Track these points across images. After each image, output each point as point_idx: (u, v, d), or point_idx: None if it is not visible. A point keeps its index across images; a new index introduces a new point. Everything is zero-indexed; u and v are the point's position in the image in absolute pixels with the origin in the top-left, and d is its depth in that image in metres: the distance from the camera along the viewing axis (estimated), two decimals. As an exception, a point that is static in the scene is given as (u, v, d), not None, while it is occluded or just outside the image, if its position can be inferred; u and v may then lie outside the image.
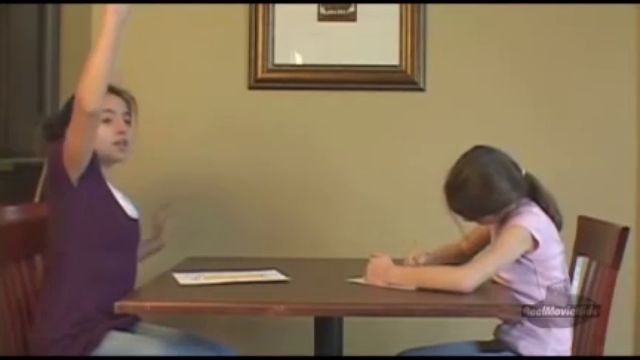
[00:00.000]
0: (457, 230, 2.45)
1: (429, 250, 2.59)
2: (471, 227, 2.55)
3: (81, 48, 3.41)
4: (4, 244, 2.39)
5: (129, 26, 3.35)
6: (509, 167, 2.37)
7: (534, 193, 2.38)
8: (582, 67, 3.34)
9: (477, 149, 2.40)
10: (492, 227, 2.46)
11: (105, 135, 2.45)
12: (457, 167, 2.36)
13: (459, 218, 2.38)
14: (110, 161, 2.51)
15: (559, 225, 2.37)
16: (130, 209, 2.54)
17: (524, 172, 2.39)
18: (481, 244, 2.52)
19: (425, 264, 2.51)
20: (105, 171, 2.50)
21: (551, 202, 2.38)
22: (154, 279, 2.45)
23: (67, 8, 3.57)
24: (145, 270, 2.60)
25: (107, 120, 2.47)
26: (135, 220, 2.56)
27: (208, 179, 3.37)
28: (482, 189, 2.31)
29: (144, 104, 3.40)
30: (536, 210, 2.35)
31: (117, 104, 2.53)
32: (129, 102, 2.60)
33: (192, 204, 3.33)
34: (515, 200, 2.34)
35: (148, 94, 3.40)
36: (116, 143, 2.48)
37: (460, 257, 2.51)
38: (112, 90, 2.50)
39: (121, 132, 2.50)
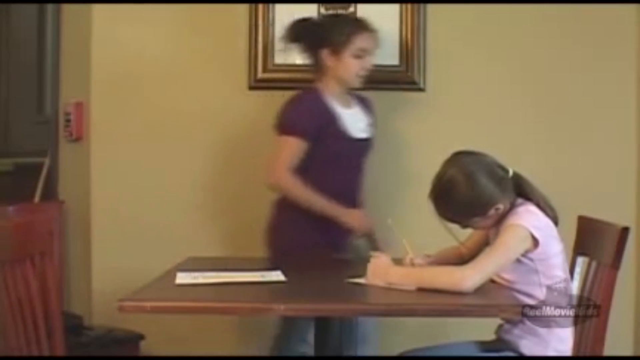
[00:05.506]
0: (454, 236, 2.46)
1: (428, 252, 2.59)
2: (466, 234, 2.55)
3: (81, 48, 3.41)
4: (4, 244, 2.39)
5: (129, 26, 3.39)
6: (491, 166, 2.37)
7: (522, 191, 2.38)
8: (582, 67, 3.34)
9: (458, 153, 2.41)
10: (490, 229, 2.45)
11: (353, 68, 2.85)
12: (440, 171, 2.38)
13: (452, 227, 2.39)
14: (347, 85, 2.91)
15: (554, 221, 2.37)
16: (357, 129, 2.90)
17: (511, 172, 2.39)
18: (479, 249, 2.51)
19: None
20: (338, 90, 2.90)
21: (541, 198, 2.38)
22: (154, 278, 2.45)
23: (67, 8, 3.57)
24: (146, 270, 2.60)
25: (358, 57, 2.84)
26: (360, 140, 2.92)
27: (208, 179, 3.37)
28: (467, 186, 2.31)
29: (144, 103, 3.43)
30: (533, 209, 2.35)
31: (372, 43, 2.88)
32: (378, 39, 2.93)
33: (191, 203, 3.34)
34: (501, 198, 2.34)
35: (148, 93, 3.41)
36: (359, 76, 2.87)
37: (460, 261, 2.50)
38: (370, 28, 2.87)
39: (367, 70, 2.87)
